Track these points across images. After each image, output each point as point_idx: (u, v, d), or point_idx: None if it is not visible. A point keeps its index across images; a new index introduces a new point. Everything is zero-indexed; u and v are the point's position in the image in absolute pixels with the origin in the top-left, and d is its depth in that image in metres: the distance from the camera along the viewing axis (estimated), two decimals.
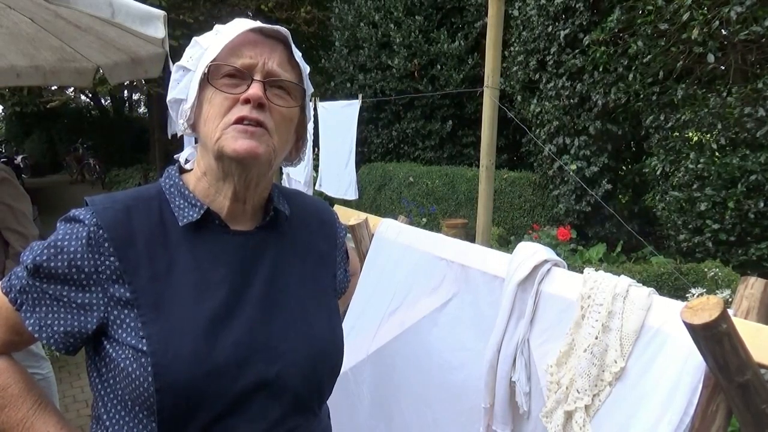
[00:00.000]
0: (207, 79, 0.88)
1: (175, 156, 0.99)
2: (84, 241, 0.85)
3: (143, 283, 0.85)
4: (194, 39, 0.94)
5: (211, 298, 0.87)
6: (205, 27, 1.51)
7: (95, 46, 3.88)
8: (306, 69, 0.97)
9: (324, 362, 0.97)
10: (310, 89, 0.99)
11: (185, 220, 0.90)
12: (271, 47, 0.91)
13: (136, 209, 0.89)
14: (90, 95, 17.66)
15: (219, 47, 0.88)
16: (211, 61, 0.88)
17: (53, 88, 13.50)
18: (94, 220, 0.86)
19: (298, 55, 0.95)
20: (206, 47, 0.92)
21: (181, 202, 0.92)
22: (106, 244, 0.85)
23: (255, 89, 0.87)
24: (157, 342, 0.82)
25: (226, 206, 0.93)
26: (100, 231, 0.85)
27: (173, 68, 0.96)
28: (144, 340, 0.82)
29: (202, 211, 0.91)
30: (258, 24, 0.91)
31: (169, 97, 0.95)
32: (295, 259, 1.00)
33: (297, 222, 1.03)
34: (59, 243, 0.85)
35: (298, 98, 0.94)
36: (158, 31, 3.02)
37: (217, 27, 0.94)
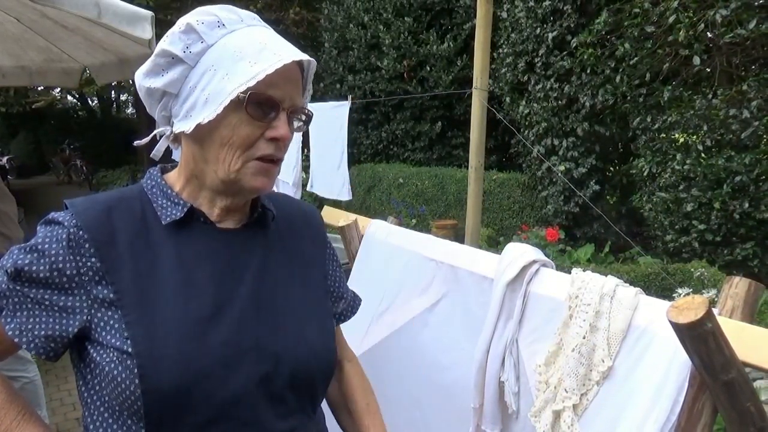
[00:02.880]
0: (245, 107, 0.83)
1: (152, 155, 0.93)
2: (64, 243, 0.83)
3: (126, 283, 0.83)
4: (188, 24, 0.85)
5: (198, 297, 0.85)
6: None
7: (82, 47, 3.86)
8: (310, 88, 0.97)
9: (316, 363, 0.95)
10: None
11: (168, 219, 0.88)
12: (297, 77, 0.89)
13: (117, 209, 0.88)
14: (77, 96, 17.51)
15: (257, 72, 0.81)
16: (251, 89, 0.82)
17: (39, 88, 13.38)
18: (74, 221, 0.84)
19: (310, 79, 0.95)
20: (210, 43, 0.85)
21: (164, 201, 0.90)
22: (87, 245, 0.83)
23: (285, 128, 0.86)
24: (142, 343, 0.80)
25: (215, 213, 0.92)
26: (80, 232, 0.83)
27: (157, 50, 0.87)
28: (128, 341, 0.80)
29: (185, 209, 0.89)
30: (298, 55, 0.85)
31: (151, 84, 0.87)
32: (284, 259, 0.98)
33: (283, 224, 1.02)
34: (40, 246, 0.83)
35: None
36: (145, 31, 3.00)
37: (219, 16, 0.87)
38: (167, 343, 0.81)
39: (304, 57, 0.87)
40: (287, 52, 0.85)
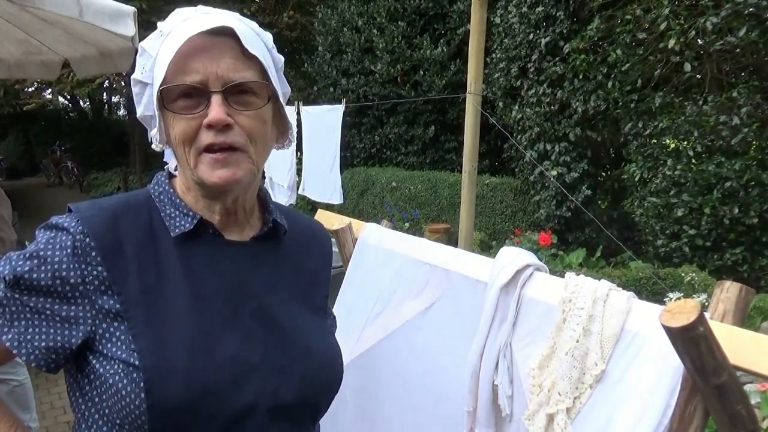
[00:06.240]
0: (163, 105, 0.82)
1: (165, 160, 0.93)
2: (69, 250, 0.79)
3: (133, 294, 0.80)
4: (141, 45, 0.86)
5: (206, 311, 0.83)
6: None
7: (62, 39, 3.77)
8: (266, 57, 0.87)
9: (322, 378, 0.93)
10: (277, 78, 0.89)
11: (178, 231, 0.85)
12: (221, 49, 0.81)
13: (124, 217, 0.84)
14: (68, 97, 17.40)
15: (164, 65, 0.80)
16: (161, 85, 0.80)
17: (30, 89, 13.25)
18: (80, 227, 0.80)
19: (255, 44, 0.84)
20: (154, 55, 0.84)
21: (173, 210, 0.87)
22: (93, 253, 0.80)
23: (215, 111, 0.79)
24: (149, 356, 0.77)
25: (217, 220, 0.89)
26: (87, 239, 0.80)
27: (132, 81, 0.88)
28: (135, 354, 0.77)
29: (195, 221, 0.86)
30: (199, 27, 0.80)
31: (138, 114, 0.89)
32: (291, 274, 0.97)
33: (291, 238, 0.99)
34: (41, 253, 0.79)
35: (264, 94, 0.85)
36: (128, 28, 2.92)
37: (160, 26, 0.86)
38: (175, 358, 0.78)
39: (210, 26, 0.80)
40: (191, 28, 0.80)
